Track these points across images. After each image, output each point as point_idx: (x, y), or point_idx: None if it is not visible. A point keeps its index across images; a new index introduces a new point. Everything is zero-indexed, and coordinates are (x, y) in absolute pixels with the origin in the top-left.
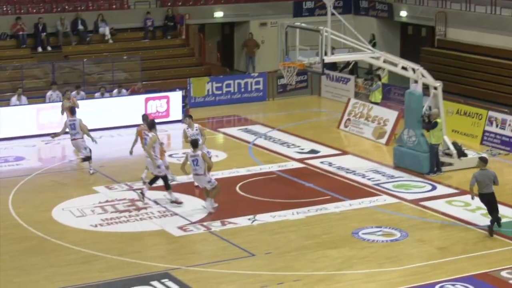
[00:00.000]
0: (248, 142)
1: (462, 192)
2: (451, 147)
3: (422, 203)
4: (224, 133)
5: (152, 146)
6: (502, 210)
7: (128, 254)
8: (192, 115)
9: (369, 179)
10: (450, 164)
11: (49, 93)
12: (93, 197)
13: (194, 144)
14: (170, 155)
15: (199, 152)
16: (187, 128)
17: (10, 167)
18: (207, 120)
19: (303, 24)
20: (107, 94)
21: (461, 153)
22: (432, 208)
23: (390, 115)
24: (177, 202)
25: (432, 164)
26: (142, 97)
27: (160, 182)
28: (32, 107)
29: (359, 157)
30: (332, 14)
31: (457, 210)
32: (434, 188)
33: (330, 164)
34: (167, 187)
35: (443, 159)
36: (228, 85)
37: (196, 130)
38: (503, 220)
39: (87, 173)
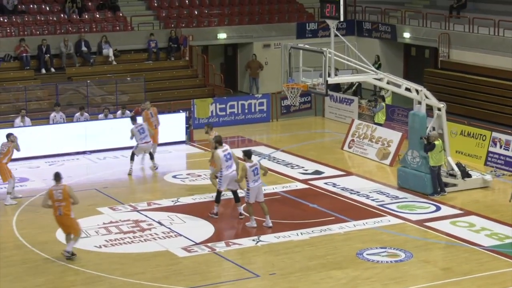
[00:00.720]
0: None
1: (467, 213)
2: (455, 168)
3: (426, 223)
4: None
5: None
6: (507, 231)
7: (132, 275)
8: (196, 137)
9: (373, 199)
10: (454, 185)
11: (52, 114)
12: (97, 218)
13: (249, 154)
14: (174, 176)
15: (257, 162)
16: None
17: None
18: None
19: (306, 46)
20: (111, 116)
21: (465, 174)
22: (436, 229)
23: (394, 136)
24: (242, 214)
25: (435, 186)
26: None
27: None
28: (35, 129)
29: (363, 178)
30: (336, 35)
31: (462, 230)
32: (438, 209)
33: (334, 185)
34: (236, 199)
35: (448, 180)
36: (232, 106)
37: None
38: (508, 241)
39: (91, 195)
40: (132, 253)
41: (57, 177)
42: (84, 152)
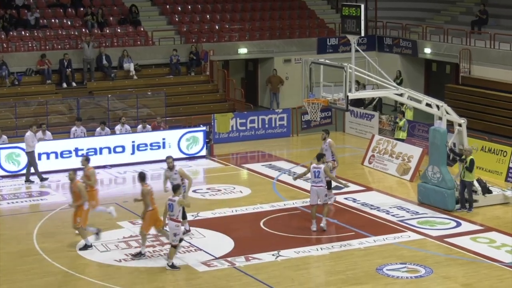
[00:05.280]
0: (272, 178)
1: (487, 229)
2: (476, 184)
3: (446, 239)
4: (248, 169)
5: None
6: None
7: None
8: (216, 151)
9: (393, 215)
10: (475, 201)
11: (73, 128)
12: (117, 232)
13: (319, 156)
14: (194, 191)
15: (322, 165)
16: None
17: (34, 202)
18: (231, 156)
19: (327, 61)
20: (127, 126)
21: (486, 190)
22: (456, 245)
23: (414, 151)
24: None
25: (470, 202)
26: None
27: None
28: (56, 143)
29: (383, 194)
30: (356, 50)
31: (482, 247)
32: (459, 224)
33: (354, 200)
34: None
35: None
36: (252, 121)
37: (326, 145)
38: None
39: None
40: (152, 268)
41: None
42: (104, 166)
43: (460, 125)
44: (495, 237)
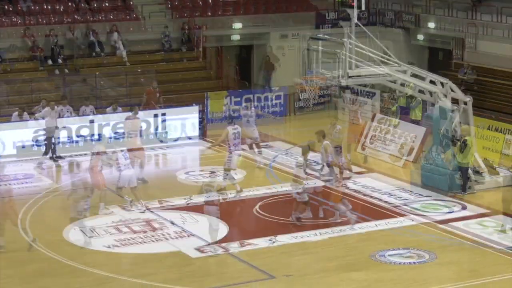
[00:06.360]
0: (268, 160)
1: (493, 212)
2: (482, 165)
3: (451, 223)
4: (243, 150)
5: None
6: None
7: (143, 276)
8: (209, 132)
9: (395, 198)
10: (481, 183)
11: (59, 108)
12: (107, 217)
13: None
14: (187, 173)
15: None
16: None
17: (19, 185)
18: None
19: (326, 36)
20: (120, 109)
21: (493, 171)
22: (462, 229)
23: (417, 131)
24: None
25: (464, 183)
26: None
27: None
28: (41, 122)
29: (385, 175)
30: (357, 25)
31: (488, 231)
32: (464, 208)
33: (354, 183)
34: None
35: (474, 177)
36: (247, 100)
37: (336, 132)
38: None
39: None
40: (143, 254)
41: None
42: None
43: (465, 103)
44: (503, 221)
